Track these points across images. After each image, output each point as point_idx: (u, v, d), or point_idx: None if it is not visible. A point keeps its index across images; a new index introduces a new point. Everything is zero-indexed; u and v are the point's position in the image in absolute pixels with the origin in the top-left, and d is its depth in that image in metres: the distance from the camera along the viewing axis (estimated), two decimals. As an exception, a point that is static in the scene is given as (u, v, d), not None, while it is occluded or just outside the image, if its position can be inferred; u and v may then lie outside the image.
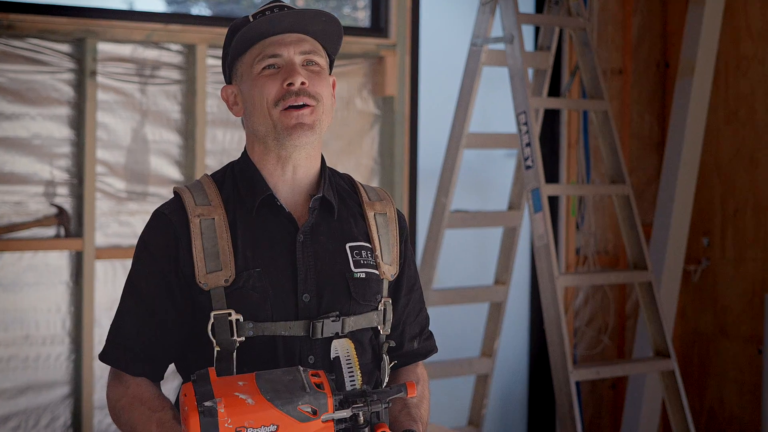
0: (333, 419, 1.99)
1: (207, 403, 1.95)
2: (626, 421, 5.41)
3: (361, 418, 2.01)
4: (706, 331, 5.65)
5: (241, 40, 2.27)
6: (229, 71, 2.36)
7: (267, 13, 2.28)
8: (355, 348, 2.13)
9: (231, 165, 2.38)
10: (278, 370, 2.06)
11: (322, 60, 2.32)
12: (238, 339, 2.18)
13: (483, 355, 5.24)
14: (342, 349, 2.09)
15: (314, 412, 1.98)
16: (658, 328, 4.82)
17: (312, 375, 2.03)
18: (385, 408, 2.04)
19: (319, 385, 2.01)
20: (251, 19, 2.28)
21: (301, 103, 2.24)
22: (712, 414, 5.59)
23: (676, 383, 4.78)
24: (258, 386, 2.00)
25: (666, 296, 5.25)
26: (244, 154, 2.36)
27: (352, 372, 2.07)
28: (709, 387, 5.61)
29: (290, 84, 2.23)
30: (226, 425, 1.94)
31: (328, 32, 2.33)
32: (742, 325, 5.44)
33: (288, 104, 2.23)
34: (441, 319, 4.69)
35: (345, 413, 2.00)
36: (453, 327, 5.30)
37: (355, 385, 2.06)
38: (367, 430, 2.02)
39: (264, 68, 2.26)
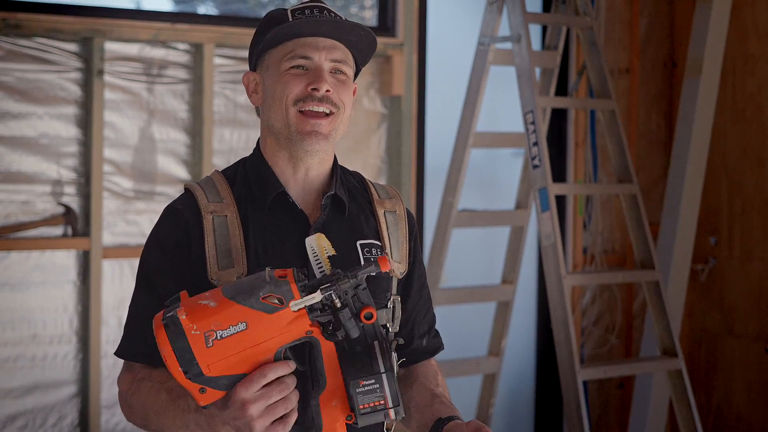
0: (304, 306, 1.96)
1: (169, 314, 1.94)
2: (633, 421, 5.40)
3: (337, 301, 1.97)
4: (714, 330, 5.64)
5: (277, 35, 2.27)
6: (255, 59, 2.36)
7: (306, 12, 2.28)
8: (327, 238, 2.12)
9: (243, 161, 2.39)
10: (245, 277, 2.05)
11: (350, 70, 2.33)
12: None
13: (490, 355, 5.23)
14: (309, 241, 2.06)
15: (281, 302, 1.95)
16: (666, 327, 4.82)
17: (278, 271, 2.00)
18: (364, 289, 2.00)
19: (282, 277, 1.98)
20: (290, 16, 2.28)
21: (321, 110, 2.24)
22: (719, 413, 5.59)
23: (684, 382, 4.78)
24: (222, 291, 1.98)
25: (673, 295, 5.24)
26: (257, 150, 2.36)
27: (319, 260, 2.04)
28: (717, 386, 5.61)
29: (315, 89, 2.24)
30: (192, 332, 1.92)
31: (361, 44, 2.34)
32: (750, 324, 5.44)
33: (307, 107, 2.24)
34: (448, 319, 4.69)
35: (315, 297, 1.96)
36: (460, 326, 5.30)
37: (324, 272, 2.03)
38: (349, 315, 1.99)
39: (292, 67, 2.26)
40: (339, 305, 1.97)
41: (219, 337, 1.93)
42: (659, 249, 5.31)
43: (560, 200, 5.43)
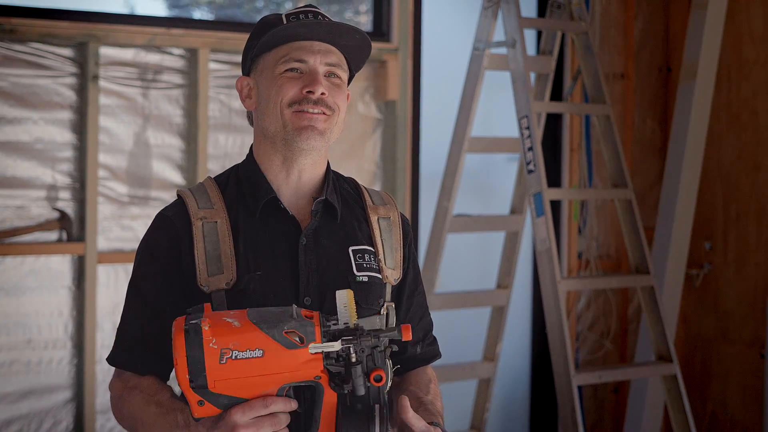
0: (321, 351, 1.96)
1: (192, 322, 1.94)
2: (628, 426, 5.40)
3: (353, 356, 1.97)
4: (708, 335, 5.64)
5: (272, 38, 2.27)
6: (249, 63, 2.36)
7: (301, 17, 2.28)
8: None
9: (236, 167, 2.39)
10: (271, 307, 2.05)
11: (344, 74, 2.33)
12: None
13: (485, 360, 5.23)
14: (340, 294, 2.05)
15: (301, 340, 1.95)
16: (660, 332, 4.82)
17: (305, 311, 2.02)
18: (381, 351, 2.00)
19: (309, 317, 1.99)
20: (284, 20, 2.28)
21: (316, 112, 2.24)
22: (714, 418, 5.59)
23: (679, 387, 4.78)
24: (247, 314, 1.99)
25: (668, 300, 5.24)
26: (250, 155, 2.36)
27: (347, 312, 2.03)
28: (712, 391, 5.61)
29: (310, 92, 2.24)
30: (210, 345, 1.93)
31: (356, 49, 2.35)
32: (745, 329, 5.44)
33: (302, 109, 2.24)
34: (443, 324, 4.68)
35: (334, 345, 1.96)
36: (455, 331, 5.30)
37: (348, 324, 2.02)
38: (360, 372, 1.98)
39: (287, 70, 2.26)
40: (354, 360, 1.98)
41: (233, 357, 1.94)
42: (654, 254, 5.31)
43: (555, 205, 5.44)
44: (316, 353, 1.96)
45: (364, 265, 2.31)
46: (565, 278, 4.87)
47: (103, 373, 4.44)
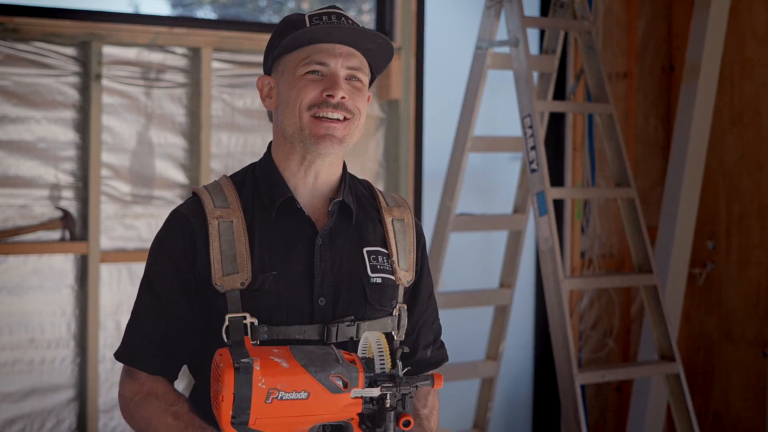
0: (362, 396, 2.00)
1: (244, 360, 1.96)
2: (631, 425, 5.40)
3: (388, 401, 2.02)
4: (711, 334, 5.64)
5: (294, 39, 2.27)
6: (271, 63, 2.36)
7: (324, 18, 2.28)
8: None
9: (253, 166, 2.39)
10: (311, 345, 2.09)
11: (366, 78, 2.33)
12: (253, 342, 2.18)
13: (488, 359, 5.23)
14: (373, 337, 2.09)
15: (345, 385, 1.99)
16: (663, 331, 4.81)
17: (345, 353, 2.06)
18: (410, 397, 2.05)
19: (351, 362, 2.03)
20: (307, 21, 2.28)
21: (336, 116, 2.24)
22: (717, 417, 5.59)
23: (681, 386, 4.78)
24: (292, 353, 2.02)
25: (671, 299, 5.24)
26: (267, 154, 2.37)
27: (383, 356, 2.07)
28: (714, 390, 5.61)
29: (330, 95, 2.24)
30: (259, 384, 1.95)
31: (378, 53, 2.34)
32: (747, 329, 5.44)
33: (322, 113, 2.24)
34: (446, 322, 4.67)
35: (374, 392, 2.01)
36: (458, 330, 5.28)
37: (384, 369, 2.07)
38: (393, 417, 2.02)
39: (308, 72, 2.27)
40: (388, 405, 2.03)
41: (279, 398, 1.97)
42: (657, 253, 5.31)
43: (558, 204, 5.43)
44: (356, 398, 2.01)
45: (378, 266, 2.31)
46: (567, 277, 4.87)
47: (106, 372, 4.44)
